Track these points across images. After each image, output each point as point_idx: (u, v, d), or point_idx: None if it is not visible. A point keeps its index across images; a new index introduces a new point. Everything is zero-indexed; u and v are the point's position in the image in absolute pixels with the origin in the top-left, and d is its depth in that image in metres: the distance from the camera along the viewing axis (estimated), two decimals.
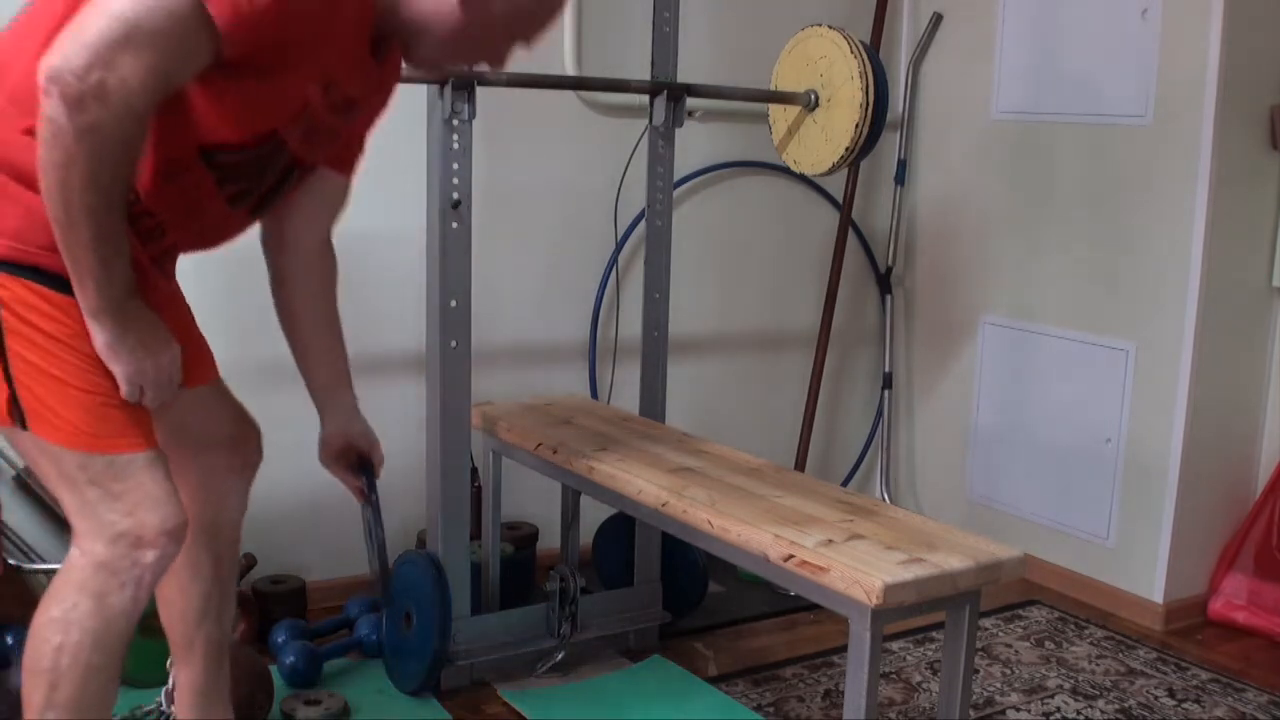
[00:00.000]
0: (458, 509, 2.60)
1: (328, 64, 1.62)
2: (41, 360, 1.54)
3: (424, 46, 1.67)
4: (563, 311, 3.37)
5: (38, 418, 1.55)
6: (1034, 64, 3.43)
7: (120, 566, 1.59)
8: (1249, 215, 3.13)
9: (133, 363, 1.56)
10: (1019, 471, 3.55)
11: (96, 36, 1.39)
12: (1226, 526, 3.27)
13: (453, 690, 2.63)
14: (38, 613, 1.63)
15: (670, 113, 2.74)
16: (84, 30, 1.40)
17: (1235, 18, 2.96)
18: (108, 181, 1.44)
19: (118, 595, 1.60)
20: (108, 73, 1.39)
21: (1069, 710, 2.71)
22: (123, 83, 1.40)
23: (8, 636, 2.57)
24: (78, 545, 1.61)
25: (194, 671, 1.99)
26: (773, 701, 2.68)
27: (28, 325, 1.53)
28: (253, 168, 1.66)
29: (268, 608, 2.83)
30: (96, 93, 1.39)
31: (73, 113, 1.39)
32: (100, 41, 1.39)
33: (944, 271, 3.77)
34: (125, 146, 1.45)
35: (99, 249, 1.47)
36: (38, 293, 1.53)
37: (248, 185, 1.69)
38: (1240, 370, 3.22)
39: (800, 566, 1.95)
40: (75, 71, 1.38)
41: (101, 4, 1.42)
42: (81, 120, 1.39)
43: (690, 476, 2.33)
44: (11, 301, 1.53)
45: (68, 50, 1.39)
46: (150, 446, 1.63)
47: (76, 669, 1.61)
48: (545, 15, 1.70)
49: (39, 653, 1.61)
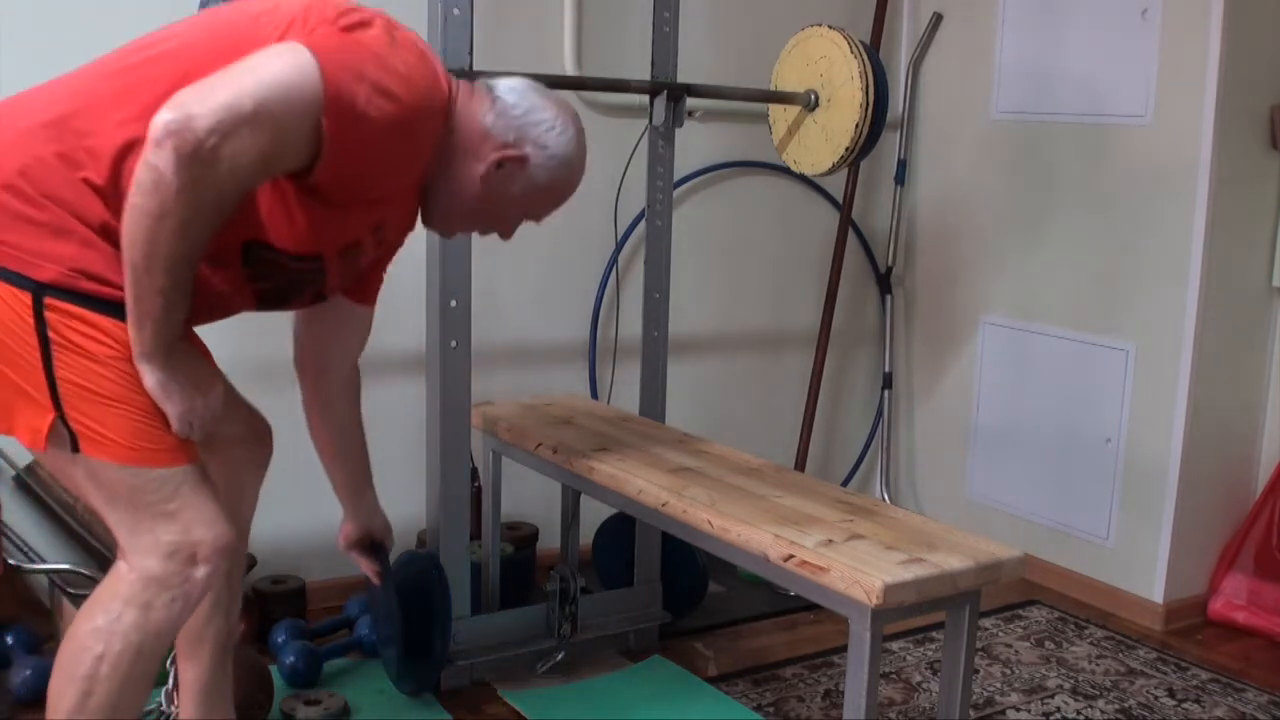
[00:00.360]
0: (458, 509, 2.60)
1: (388, 213, 1.76)
2: (89, 381, 1.56)
3: (442, 210, 1.81)
4: (563, 311, 3.37)
5: (89, 439, 1.57)
6: (1034, 64, 3.43)
7: (173, 582, 1.61)
8: (1249, 215, 3.13)
9: (184, 401, 1.60)
10: (1019, 471, 3.55)
11: (225, 106, 1.45)
12: (1226, 526, 3.27)
13: (453, 690, 2.63)
14: (78, 620, 1.65)
15: (670, 113, 2.74)
16: (213, 95, 1.46)
17: (1235, 18, 2.96)
18: (195, 238, 1.51)
19: (165, 610, 1.62)
20: (225, 142, 1.45)
21: (1069, 710, 2.71)
22: (234, 155, 1.47)
23: (8, 636, 2.58)
24: (125, 560, 1.63)
25: (201, 667, 2.00)
26: (773, 701, 2.68)
27: (74, 348, 1.55)
28: (290, 276, 1.73)
29: (268, 608, 2.83)
30: (210, 157, 1.45)
31: (182, 168, 1.44)
32: (228, 111, 1.45)
33: (944, 271, 3.77)
34: (218, 211, 1.52)
35: (168, 296, 1.52)
36: (85, 319, 1.55)
37: (282, 293, 1.76)
38: (1240, 370, 3.22)
39: (800, 566, 1.95)
40: (197, 131, 1.44)
41: (235, 76, 1.49)
42: (187, 176, 1.45)
43: (690, 476, 2.33)
44: (59, 324, 1.54)
45: (193, 109, 1.44)
46: (196, 461, 1.65)
47: (115, 679, 1.62)
48: (559, 198, 1.85)
49: (78, 659, 1.63)
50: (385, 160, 1.64)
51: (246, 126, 1.46)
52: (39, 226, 1.54)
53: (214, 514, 1.64)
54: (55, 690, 1.65)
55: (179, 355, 1.59)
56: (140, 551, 1.61)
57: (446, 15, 2.36)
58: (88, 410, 1.56)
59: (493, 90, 1.77)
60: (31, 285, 1.53)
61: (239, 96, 1.46)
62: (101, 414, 1.56)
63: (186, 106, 1.45)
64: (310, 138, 1.53)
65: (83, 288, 1.55)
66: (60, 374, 1.55)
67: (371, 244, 1.79)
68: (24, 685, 2.41)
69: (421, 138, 1.67)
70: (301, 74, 1.50)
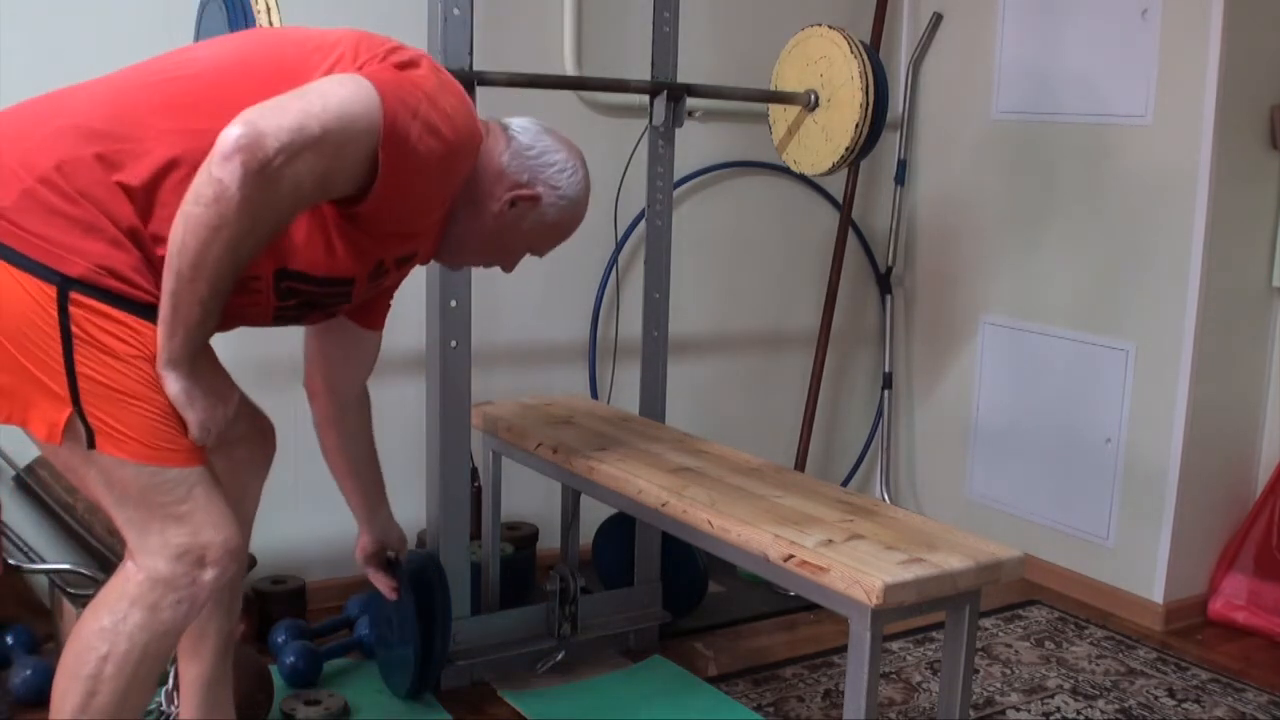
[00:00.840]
0: (458, 509, 2.60)
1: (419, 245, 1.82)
2: (109, 378, 1.56)
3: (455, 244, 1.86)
4: (563, 311, 3.37)
5: (106, 435, 1.57)
6: (1034, 64, 3.43)
7: (181, 584, 1.62)
8: (1249, 215, 3.13)
9: (206, 409, 1.61)
10: (1019, 471, 3.55)
11: (295, 128, 1.48)
12: (1226, 526, 3.27)
13: (453, 690, 2.63)
14: (83, 620, 1.65)
15: (670, 113, 2.74)
16: (284, 115, 1.49)
17: (1235, 18, 2.96)
18: (244, 253, 1.54)
19: (172, 611, 1.63)
20: (290, 163, 1.49)
21: (1069, 710, 2.71)
22: (297, 176, 1.50)
23: (8, 636, 2.58)
24: (133, 560, 1.63)
25: (202, 666, 2.01)
26: (773, 701, 2.68)
27: (95, 344, 1.55)
28: (316, 299, 1.76)
29: (268, 608, 2.84)
30: (275, 175, 1.48)
31: (246, 183, 1.47)
32: (298, 133, 1.48)
33: (944, 271, 3.77)
34: (271, 230, 1.56)
35: (206, 307, 1.55)
36: (108, 314, 1.56)
37: (302, 311, 1.79)
38: (1240, 370, 3.22)
39: (800, 566, 1.95)
40: (266, 150, 1.47)
41: (304, 99, 1.52)
42: (250, 192, 1.47)
43: (690, 476, 2.33)
44: (82, 320, 1.55)
45: (264, 127, 1.47)
46: (206, 463, 1.66)
47: (120, 679, 1.63)
48: (564, 234, 1.92)
49: (83, 659, 1.63)
50: (427, 195, 1.70)
51: (312, 149, 1.50)
52: (71, 222, 1.54)
53: (223, 517, 1.65)
54: (60, 689, 1.65)
55: (201, 364, 1.61)
56: (149, 552, 1.62)
57: (446, 15, 2.36)
58: (106, 407, 1.56)
59: (508, 129, 1.83)
60: (58, 279, 1.53)
61: (308, 119, 1.50)
62: (120, 411, 1.57)
63: (257, 124, 1.47)
64: (366, 167, 1.58)
65: (108, 285, 1.55)
66: (81, 369, 1.55)
67: (394, 270, 1.84)
68: (24, 685, 2.41)
69: (457, 176, 1.74)
70: (365, 105, 1.55)
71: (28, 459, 2.69)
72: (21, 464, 2.69)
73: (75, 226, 1.54)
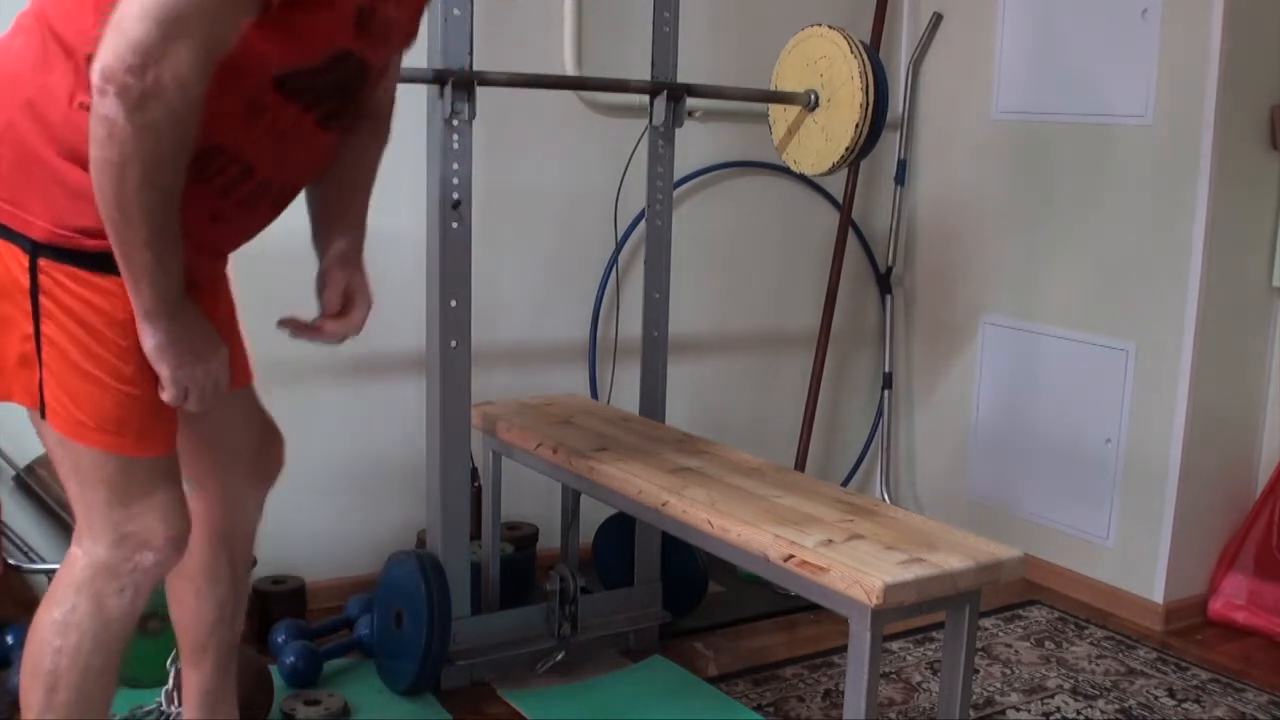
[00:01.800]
0: (458, 509, 2.60)
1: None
2: (73, 350, 1.52)
3: None
4: (563, 311, 3.37)
5: (57, 411, 1.54)
6: (1034, 64, 3.43)
7: (121, 570, 1.60)
8: (1249, 215, 3.13)
9: (181, 366, 1.54)
10: (1019, 471, 3.55)
11: (143, 31, 1.35)
12: (1226, 526, 3.27)
13: (453, 690, 2.63)
14: (38, 615, 1.64)
15: (670, 113, 2.74)
16: (126, 24, 1.36)
17: (1235, 18, 2.96)
18: (166, 178, 1.43)
19: (116, 598, 1.61)
20: (161, 67, 1.36)
21: (1069, 710, 2.71)
22: (176, 73, 1.37)
23: (8, 636, 2.58)
24: (79, 544, 1.62)
25: (204, 673, 2.00)
26: (773, 701, 2.68)
27: (65, 312, 1.51)
28: (335, 87, 1.61)
29: (268, 608, 2.83)
30: (154, 90, 1.37)
31: (132, 113, 1.37)
32: (147, 35, 1.35)
33: (944, 271, 3.77)
34: (182, 139, 1.42)
35: (155, 246, 1.45)
36: (78, 278, 1.51)
37: (337, 105, 1.64)
38: (1240, 370, 3.22)
39: (800, 566, 1.95)
40: (132, 71, 1.35)
41: None
42: (141, 119, 1.37)
43: (690, 476, 2.33)
44: (51, 287, 1.51)
45: (120, 49, 1.35)
46: (167, 452, 1.62)
47: (75, 671, 1.62)
48: None
49: (39, 655, 1.62)
50: None
51: (173, 40, 1.36)
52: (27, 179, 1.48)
53: (170, 504, 1.62)
54: (24, 688, 1.65)
55: (184, 316, 1.53)
56: (92, 535, 1.60)
57: (446, 15, 2.36)
58: (66, 381, 1.53)
59: None
60: (29, 244, 1.49)
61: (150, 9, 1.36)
62: (79, 387, 1.53)
63: (112, 46, 1.36)
64: None
65: (78, 245, 1.49)
66: (47, 335, 1.52)
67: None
68: None
69: None
70: None
71: (28, 459, 2.69)
72: (21, 464, 2.69)
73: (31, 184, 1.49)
